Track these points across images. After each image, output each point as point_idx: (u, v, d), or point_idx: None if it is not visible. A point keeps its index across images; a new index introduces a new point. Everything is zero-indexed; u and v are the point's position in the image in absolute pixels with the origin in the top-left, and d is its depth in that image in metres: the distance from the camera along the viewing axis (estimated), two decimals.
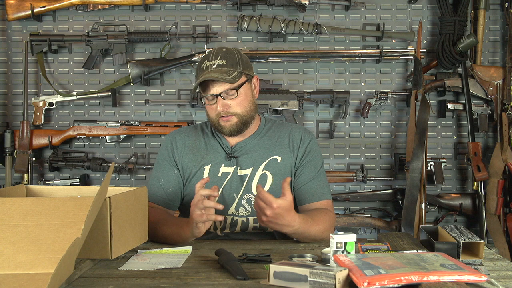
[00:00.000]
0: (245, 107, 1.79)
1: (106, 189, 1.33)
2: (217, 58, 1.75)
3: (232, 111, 1.77)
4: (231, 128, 1.79)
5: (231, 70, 1.74)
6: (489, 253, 1.53)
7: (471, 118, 2.87)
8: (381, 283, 1.12)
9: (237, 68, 1.76)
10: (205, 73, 1.74)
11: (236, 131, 1.80)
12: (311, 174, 1.84)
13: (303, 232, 1.62)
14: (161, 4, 2.97)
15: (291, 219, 1.56)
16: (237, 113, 1.78)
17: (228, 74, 1.73)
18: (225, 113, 1.76)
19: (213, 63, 1.74)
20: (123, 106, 3.00)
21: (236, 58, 1.78)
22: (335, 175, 2.93)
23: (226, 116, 1.77)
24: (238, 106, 1.77)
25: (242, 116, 1.79)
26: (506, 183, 2.86)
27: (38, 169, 2.99)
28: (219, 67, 1.74)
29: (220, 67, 1.74)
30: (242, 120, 1.79)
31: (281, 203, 1.52)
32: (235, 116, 1.78)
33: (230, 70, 1.74)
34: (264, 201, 1.52)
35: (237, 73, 1.75)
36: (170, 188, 1.85)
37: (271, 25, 2.85)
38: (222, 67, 1.74)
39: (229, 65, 1.74)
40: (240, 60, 1.78)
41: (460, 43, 2.80)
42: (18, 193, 1.62)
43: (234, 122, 1.79)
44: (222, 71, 1.73)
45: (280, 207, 1.51)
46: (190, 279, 1.28)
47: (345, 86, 2.99)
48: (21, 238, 1.27)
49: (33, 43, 2.88)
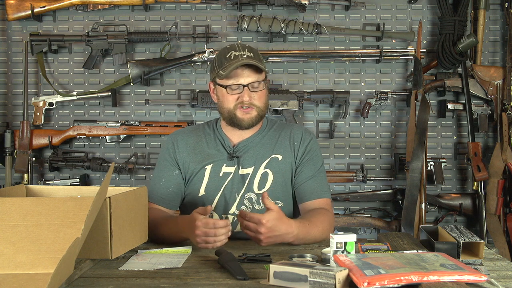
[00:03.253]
0: (264, 102, 1.82)
1: (106, 189, 1.33)
2: (244, 50, 1.77)
3: (255, 103, 1.79)
4: (250, 121, 1.80)
5: (260, 63, 1.77)
6: (489, 253, 1.53)
7: (471, 118, 2.86)
8: (381, 283, 1.12)
9: (262, 63, 1.79)
10: (236, 61, 1.73)
11: (254, 124, 1.82)
12: (311, 173, 1.85)
13: (303, 236, 1.62)
14: (161, 4, 2.97)
15: (287, 227, 1.56)
16: (257, 106, 1.80)
17: (260, 64, 1.76)
18: (249, 104, 1.77)
19: (242, 53, 1.75)
20: (123, 106, 3.00)
21: (259, 54, 1.81)
22: (335, 175, 2.93)
23: (247, 108, 1.78)
24: (260, 99, 1.80)
25: (261, 110, 1.81)
26: (506, 183, 2.86)
27: (38, 169, 2.99)
28: (249, 58, 1.75)
29: (250, 59, 1.75)
30: (260, 114, 1.82)
31: (269, 215, 1.52)
32: (255, 109, 1.79)
33: (259, 63, 1.76)
34: (253, 221, 1.52)
35: (263, 67, 1.78)
36: (170, 188, 1.85)
37: (271, 25, 2.85)
38: (252, 59, 1.75)
39: (256, 59, 1.77)
40: (261, 56, 1.82)
41: (460, 43, 2.80)
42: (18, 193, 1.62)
43: (253, 115, 1.80)
44: (254, 61, 1.75)
45: (270, 220, 1.52)
46: (190, 279, 1.28)
47: (345, 86, 2.99)
48: (21, 238, 1.27)
49: (33, 43, 2.88)
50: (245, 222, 1.55)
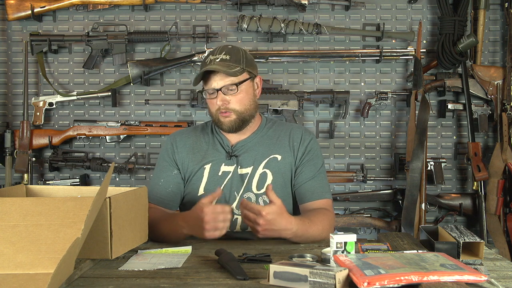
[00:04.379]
0: (245, 105, 1.80)
1: (106, 189, 1.33)
2: (221, 53, 1.77)
3: (231, 107, 1.78)
4: (230, 125, 1.80)
5: (233, 65, 1.76)
6: (489, 253, 1.53)
7: (471, 118, 2.86)
8: (381, 283, 1.12)
9: (240, 65, 1.77)
10: (207, 66, 1.76)
11: (235, 128, 1.81)
12: (311, 173, 1.85)
13: (302, 234, 1.62)
14: (161, 4, 2.97)
15: (286, 223, 1.56)
16: (235, 110, 1.78)
17: (230, 68, 1.75)
18: (224, 108, 1.77)
19: (217, 57, 1.76)
20: (123, 106, 3.00)
21: (241, 55, 1.80)
22: (335, 175, 2.93)
23: (225, 112, 1.78)
24: (238, 103, 1.78)
25: (240, 113, 1.79)
26: (506, 183, 2.86)
27: (38, 169, 2.99)
28: (222, 61, 1.75)
29: (223, 61, 1.75)
30: (241, 117, 1.80)
31: (270, 208, 1.52)
32: (233, 113, 1.79)
33: (232, 65, 1.76)
34: (253, 212, 1.52)
35: (239, 69, 1.76)
36: (169, 188, 1.85)
37: (271, 25, 2.85)
38: (225, 62, 1.75)
39: (232, 61, 1.76)
40: (244, 57, 1.80)
41: (460, 43, 2.80)
42: (18, 193, 1.62)
43: (233, 119, 1.79)
44: (225, 65, 1.75)
45: (270, 213, 1.52)
46: (190, 279, 1.28)
47: (345, 86, 2.99)
48: (21, 238, 1.27)
49: (33, 43, 2.88)
50: (245, 211, 1.54)
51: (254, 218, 1.52)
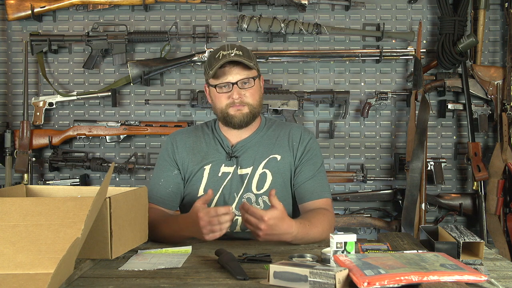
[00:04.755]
0: (257, 100, 1.82)
1: (106, 189, 1.33)
2: (233, 49, 1.78)
3: (246, 100, 1.79)
4: (242, 118, 1.80)
5: (248, 60, 1.77)
6: (489, 253, 1.53)
7: (471, 118, 2.86)
8: (381, 283, 1.12)
9: (252, 61, 1.79)
10: (223, 60, 1.75)
11: (245, 122, 1.81)
12: (311, 173, 1.85)
13: (302, 237, 1.61)
14: (161, 4, 2.97)
15: (287, 227, 1.55)
16: (249, 104, 1.80)
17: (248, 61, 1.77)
18: (239, 102, 1.78)
19: (230, 52, 1.76)
20: (123, 106, 3.00)
21: (250, 52, 1.82)
22: (335, 175, 2.93)
23: (238, 105, 1.78)
24: (252, 96, 1.80)
25: (253, 108, 1.81)
26: (506, 183, 2.86)
27: (38, 169, 2.99)
28: (237, 56, 1.76)
29: (237, 56, 1.76)
30: (253, 112, 1.81)
31: (272, 213, 1.51)
32: (247, 106, 1.79)
33: (247, 60, 1.77)
34: (255, 217, 1.52)
35: (253, 64, 1.79)
36: (169, 188, 1.85)
37: (271, 25, 2.85)
38: (240, 57, 1.76)
39: (245, 57, 1.77)
40: (252, 55, 1.83)
41: (460, 43, 2.80)
42: (18, 193, 1.62)
43: (245, 113, 1.80)
44: (241, 58, 1.76)
45: (272, 218, 1.51)
46: (190, 279, 1.28)
47: (345, 86, 2.99)
48: (21, 238, 1.27)
49: (33, 43, 2.88)
50: (246, 215, 1.54)
51: (255, 223, 1.52)
